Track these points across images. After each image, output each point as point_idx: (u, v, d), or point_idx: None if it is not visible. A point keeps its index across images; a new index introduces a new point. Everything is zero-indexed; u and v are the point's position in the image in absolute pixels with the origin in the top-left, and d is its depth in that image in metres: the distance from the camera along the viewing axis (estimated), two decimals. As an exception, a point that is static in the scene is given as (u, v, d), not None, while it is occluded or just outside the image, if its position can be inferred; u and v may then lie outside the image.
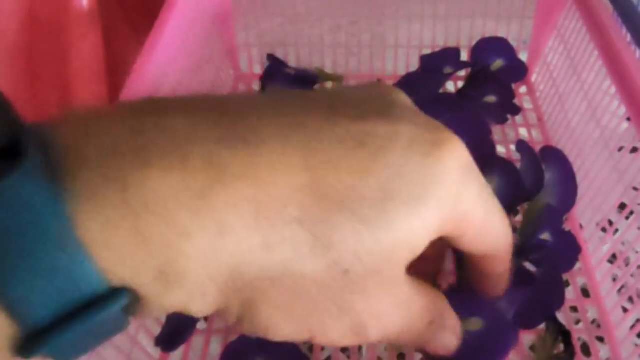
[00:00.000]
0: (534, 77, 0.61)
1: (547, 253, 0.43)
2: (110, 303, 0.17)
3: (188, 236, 0.17)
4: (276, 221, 0.19)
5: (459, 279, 0.38)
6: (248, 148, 0.19)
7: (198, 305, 0.19)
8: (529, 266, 0.44)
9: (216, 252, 0.18)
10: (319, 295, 0.20)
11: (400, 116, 0.21)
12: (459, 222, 0.22)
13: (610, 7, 0.49)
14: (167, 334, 0.40)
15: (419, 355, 0.39)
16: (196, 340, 0.41)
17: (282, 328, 0.21)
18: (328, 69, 0.62)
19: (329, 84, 0.61)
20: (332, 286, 0.20)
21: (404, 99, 0.23)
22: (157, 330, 0.40)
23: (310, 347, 0.41)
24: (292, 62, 0.62)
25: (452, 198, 0.21)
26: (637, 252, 0.41)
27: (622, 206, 0.44)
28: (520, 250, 0.44)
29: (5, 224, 0.16)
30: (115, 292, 0.17)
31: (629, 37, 0.48)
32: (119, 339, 0.35)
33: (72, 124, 0.18)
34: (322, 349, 0.41)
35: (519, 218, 0.47)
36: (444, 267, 0.33)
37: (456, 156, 0.21)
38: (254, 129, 0.19)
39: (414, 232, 0.20)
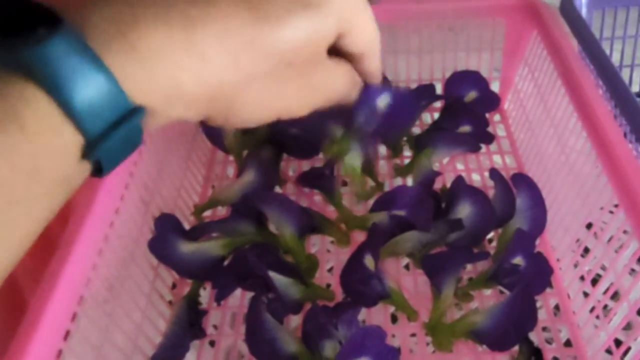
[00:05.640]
0: (506, 105, 0.63)
1: (519, 277, 0.45)
2: (136, 115, 0.24)
3: (183, 68, 0.25)
4: (237, 45, 0.26)
5: None
6: (207, 5, 0.26)
7: (193, 114, 0.27)
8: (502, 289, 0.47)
9: (202, 74, 0.26)
10: (275, 86, 0.29)
11: None
12: (344, 24, 0.30)
13: (570, 34, 0.52)
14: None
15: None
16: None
17: (258, 116, 0.30)
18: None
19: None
20: (284, 76, 0.29)
21: None
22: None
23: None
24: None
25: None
26: (605, 269, 0.43)
27: (589, 225, 0.45)
28: (494, 275, 0.46)
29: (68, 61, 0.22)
30: (136, 109, 0.24)
31: (587, 62, 0.50)
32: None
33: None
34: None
35: (493, 244, 0.49)
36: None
37: None
38: None
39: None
